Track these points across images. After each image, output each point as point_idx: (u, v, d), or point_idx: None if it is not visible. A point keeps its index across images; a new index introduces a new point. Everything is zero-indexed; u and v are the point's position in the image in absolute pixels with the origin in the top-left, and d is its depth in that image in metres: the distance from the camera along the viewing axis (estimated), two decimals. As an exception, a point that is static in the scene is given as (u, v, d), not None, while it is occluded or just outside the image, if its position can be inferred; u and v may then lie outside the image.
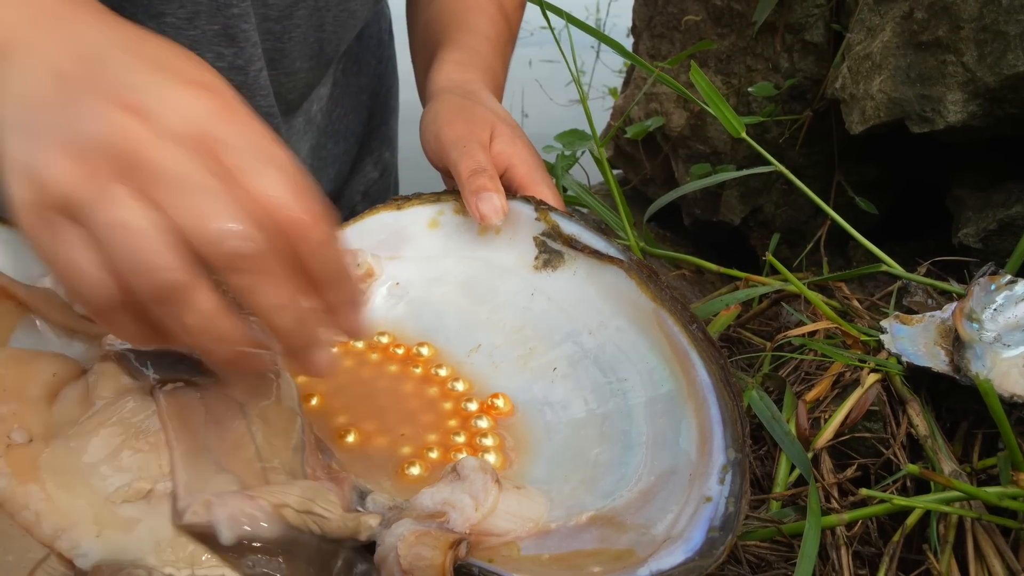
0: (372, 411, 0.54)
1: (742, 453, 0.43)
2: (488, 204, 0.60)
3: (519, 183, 0.64)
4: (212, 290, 0.37)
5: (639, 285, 0.54)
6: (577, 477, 0.48)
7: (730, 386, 0.46)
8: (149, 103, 0.37)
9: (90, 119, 0.37)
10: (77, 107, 0.38)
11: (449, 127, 0.66)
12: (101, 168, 0.36)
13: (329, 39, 0.80)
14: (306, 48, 0.78)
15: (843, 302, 0.74)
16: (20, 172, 0.38)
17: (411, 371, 0.57)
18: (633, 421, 0.50)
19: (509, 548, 0.41)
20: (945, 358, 0.59)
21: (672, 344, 0.50)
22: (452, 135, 0.65)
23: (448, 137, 0.65)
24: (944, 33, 0.94)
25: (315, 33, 0.78)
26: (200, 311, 0.37)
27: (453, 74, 0.75)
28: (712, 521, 0.40)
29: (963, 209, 1.04)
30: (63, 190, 0.36)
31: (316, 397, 0.54)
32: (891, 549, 0.50)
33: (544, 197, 0.62)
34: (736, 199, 1.38)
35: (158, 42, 0.42)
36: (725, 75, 1.36)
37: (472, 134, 0.65)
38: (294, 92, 0.81)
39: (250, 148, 0.38)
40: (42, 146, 0.37)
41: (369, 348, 0.58)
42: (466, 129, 0.65)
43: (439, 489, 0.43)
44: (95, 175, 0.36)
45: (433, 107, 0.69)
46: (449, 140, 0.65)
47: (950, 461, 0.54)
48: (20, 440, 0.40)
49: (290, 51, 0.77)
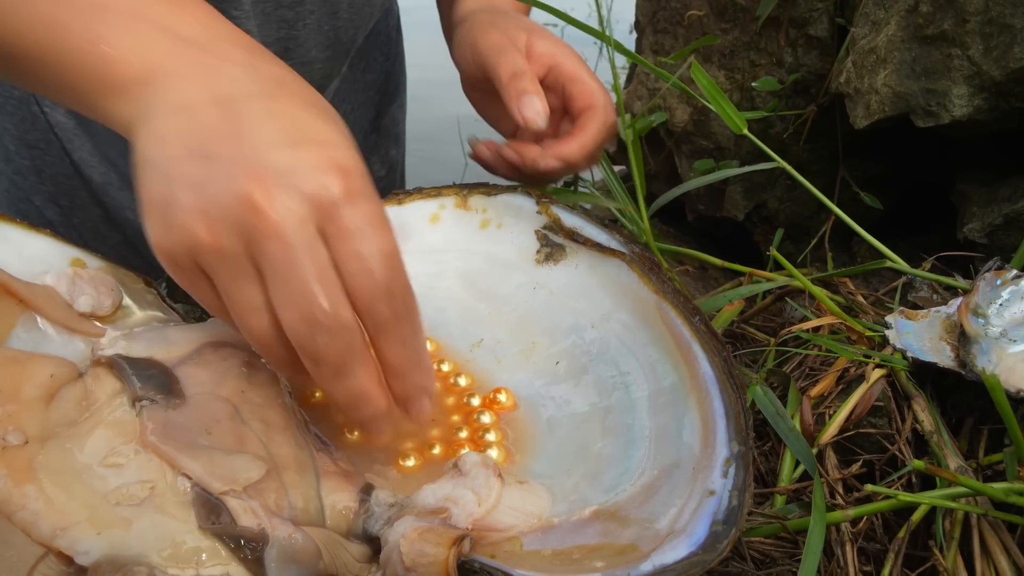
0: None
1: (745, 446, 0.43)
2: (530, 107, 0.61)
3: (567, 76, 0.65)
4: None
5: (641, 278, 0.54)
6: (580, 471, 0.48)
7: (733, 378, 0.46)
8: (280, 186, 0.40)
9: (225, 190, 0.40)
10: (213, 169, 0.40)
11: (485, 36, 0.67)
12: (229, 240, 0.40)
13: (344, 28, 0.80)
14: (320, 37, 0.78)
15: (847, 297, 0.74)
16: (157, 216, 0.42)
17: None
18: (636, 415, 0.49)
19: (511, 543, 0.41)
20: (951, 353, 0.59)
21: (675, 337, 0.50)
22: (489, 43, 0.66)
23: (485, 45, 0.66)
24: (950, 26, 0.93)
25: (329, 20, 0.78)
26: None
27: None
28: (715, 515, 0.40)
29: (968, 204, 1.03)
30: (195, 250, 0.41)
31: (319, 392, 0.53)
32: (896, 545, 0.50)
33: (592, 91, 0.65)
34: (740, 194, 1.38)
35: (294, 88, 0.45)
36: (728, 70, 1.35)
37: (509, 40, 0.66)
38: (310, 82, 0.81)
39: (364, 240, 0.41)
40: (179, 200, 0.41)
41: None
42: (503, 36, 0.66)
43: (441, 485, 0.43)
44: (222, 245, 0.40)
45: (465, 26, 0.70)
46: (486, 47, 0.66)
47: (956, 457, 0.53)
48: (16, 442, 0.40)
49: (304, 39, 0.77)
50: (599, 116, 0.64)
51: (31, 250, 0.51)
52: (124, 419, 0.42)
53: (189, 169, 0.41)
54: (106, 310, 0.50)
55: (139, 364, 0.45)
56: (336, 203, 0.40)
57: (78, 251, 0.53)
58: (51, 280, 0.50)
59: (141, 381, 0.44)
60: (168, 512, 0.39)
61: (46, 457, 0.40)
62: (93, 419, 0.42)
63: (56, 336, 0.48)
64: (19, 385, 0.43)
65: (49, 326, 0.48)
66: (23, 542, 0.37)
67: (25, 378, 0.43)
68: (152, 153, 0.42)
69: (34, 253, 0.51)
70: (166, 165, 0.41)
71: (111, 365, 0.45)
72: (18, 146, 0.82)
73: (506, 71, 0.62)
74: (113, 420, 0.42)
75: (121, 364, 0.45)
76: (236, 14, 0.71)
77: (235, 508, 0.40)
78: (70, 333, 0.49)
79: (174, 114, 0.42)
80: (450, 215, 0.63)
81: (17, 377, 0.43)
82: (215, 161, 0.40)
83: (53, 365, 0.45)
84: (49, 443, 0.41)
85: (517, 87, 0.61)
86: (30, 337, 0.48)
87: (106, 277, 0.52)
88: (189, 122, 0.42)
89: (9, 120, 0.81)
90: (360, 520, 0.43)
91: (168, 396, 0.44)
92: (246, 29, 0.71)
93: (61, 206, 0.84)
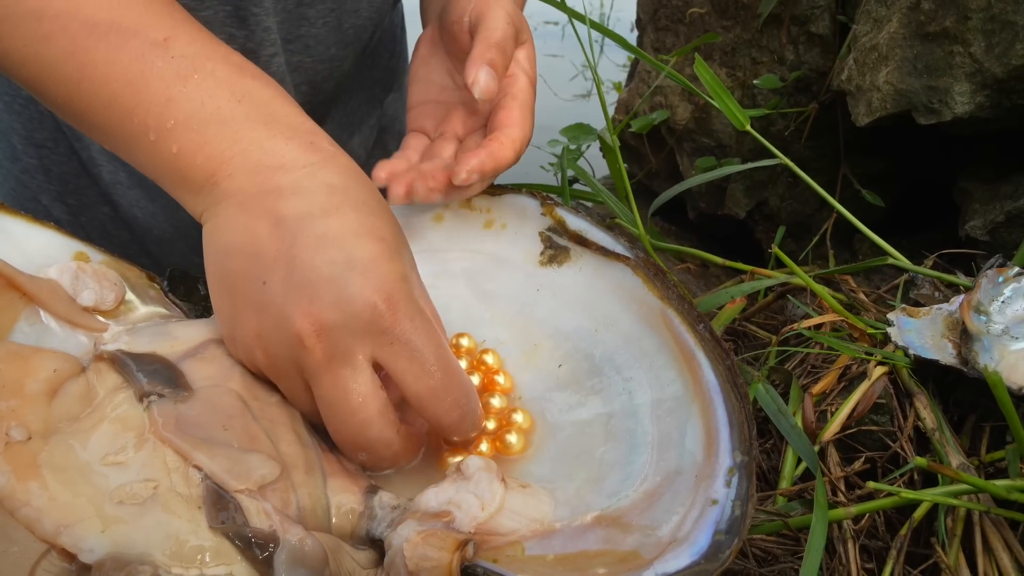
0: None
1: (749, 456, 0.43)
2: (489, 78, 0.58)
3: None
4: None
5: (646, 283, 0.53)
6: (582, 476, 0.47)
7: (737, 388, 0.46)
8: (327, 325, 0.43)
9: (278, 323, 0.44)
10: (268, 296, 0.44)
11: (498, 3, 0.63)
12: (284, 365, 0.45)
13: (364, 25, 0.80)
14: (341, 35, 0.78)
15: (849, 295, 0.74)
16: (224, 323, 0.47)
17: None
18: (639, 421, 0.49)
19: (513, 548, 0.41)
20: (952, 351, 0.59)
21: (679, 344, 0.50)
22: (500, 9, 0.62)
23: (495, 10, 0.62)
24: (951, 23, 0.93)
25: (350, 19, 0.78)
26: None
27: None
28: (718, 524, 0.40)
29: (970, 201, 1.03)
30: (255, 365, 0.47)
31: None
32: (898, 543, 0.50)
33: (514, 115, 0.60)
34: (741, 192, 1.38)
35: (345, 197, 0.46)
36: (730, 68, 1.35)
37: (514, 30, 0.62)
38: (330, 81, 0.81)
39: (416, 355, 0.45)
40: (240, 319, 0.46)
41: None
42: (511, 25, 0.62)
43: (443, 488, 0.43)
44: (278, 368, 0.45)
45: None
46: (494, 11, 0.62)
47: (958, 454, 0.53)
48: (19, 437, 0.40)
49: (325, 36, 0.77)
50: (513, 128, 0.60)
51: (35, 243, 0.51)
52: (128, 415, 0.42)
53: (248, 290, 0.45)
54: (109, 304, 0.50)
55: (142, 359, 0.45)
56: (385, 332, 0.44)
57: (82, 245, 0.53)
58: (54, 274, 0.49)
59: (146, 376, 0.44)
60: (173, 510, 0.39)
61: (50, 453, 0.40)
62: (96, 415, 0.42)
63: (59, 330, 0.48)
64: (22, 380, 0.43)
65: (52, 320, 0.48)
66: (26, 538, 0.37)
67: (28, 373, 0.43)
68: (219, 260, 0.47)
69: (38, 247, 0.51)
70: (230, 279, 0.46)
71: (113, 360, 0.45)
72: (25, 145, 0.82)
73: (494, 38, 0.59)
74: (116, 416, 0.42)
75: (124, 360, 0.45)
76: (256, 11, 0.71)
77: (248, 507, 0.39)
78: (73, 327, 0.48)
79: (235, 225, 0.46)
80: (453, 215, 0.63)
81: (20, 372, 0.43)
82: (270, 288, 0.44)
83: (56, 360, 0.44)
84: (52, 439, 0.41)
85: (488, 56, 0.59)
86: (33, 331, 0.47)
87: (109, 272, 0.52)
88: (248, 240, 0.45)
89: (16, 119, 0.81)
90: (364, 522, 0.43)
91: (175, 389, 0.44)
92: (265, 26, 0.72)
93: (68, 205, 0.84)
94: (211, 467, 0.40)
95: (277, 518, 0.39)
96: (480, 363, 0.55)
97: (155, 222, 0.85)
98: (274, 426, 0.45)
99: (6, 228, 0.50)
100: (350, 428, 0.45)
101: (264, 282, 0.44)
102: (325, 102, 0.84)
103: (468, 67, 0.58)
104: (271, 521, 0.39)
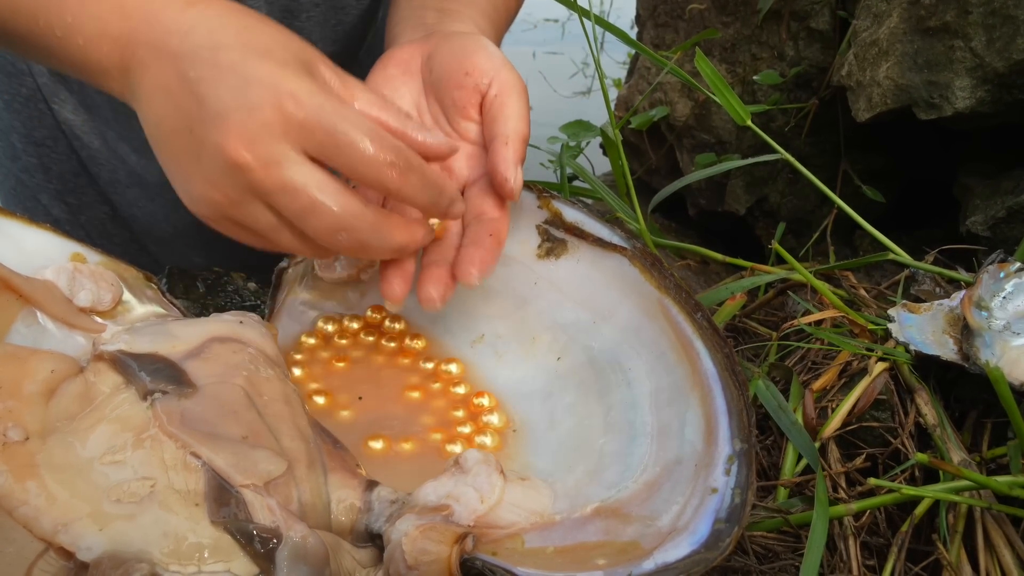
0: (375, 403, 0.54)
1: (748, 443, 0.43)
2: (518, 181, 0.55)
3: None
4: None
5: (643, 273, 0.53)
6: (581, 468, 0.47)
7: (735, 375, 0.46)
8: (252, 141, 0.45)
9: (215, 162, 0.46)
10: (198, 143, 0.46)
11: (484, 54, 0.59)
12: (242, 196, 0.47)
13: (353, 23, 0.79)
14: (327, 31, 0.77)
15: (850, 291, 0.73)
16: (180, 188, 0.49)
17: (401, 361, 0.57)
18: (638, 411, 0.49)
19: (513, 541, 0.41)
20: (954, 346, 0.59)
21: (677, 333, 0.50)
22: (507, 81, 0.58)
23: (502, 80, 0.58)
24: (952, 18, 0.93)
25: (335, 15, 0.77)
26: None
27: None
28: (718, 513, 0.40)
29: (971, 197, 1.03)
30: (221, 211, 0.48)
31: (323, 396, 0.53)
32: (900, 539, 0.50)
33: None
34: (741, 189, 1.38)
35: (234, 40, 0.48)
36: (730, 64, 1.35)
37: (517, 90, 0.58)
38: None
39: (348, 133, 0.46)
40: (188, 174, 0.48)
41: (366, 330, 0.58)
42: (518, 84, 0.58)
43: (442, 482, 0.42)
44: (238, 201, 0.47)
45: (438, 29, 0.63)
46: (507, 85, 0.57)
47: (959, 450, 0.53)
48: (16, 438, 0.40)
49: (309, 31, 0.76)
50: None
51: (31, 244, 0.51)
52: (128, 414, 0.42)
53: (182, 144, 0.47)
54: (106, 305, 0.50)
55: (144, 359, 0.45)
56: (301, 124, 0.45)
57: (78, 246, 0.52)
58: (51, 275, 0.49)
59: (149, 375, 0.44)
60: (171, 508, 0.38)
61: (47, 453, 0.40)
62: (95, 414, 0.42)
63: (56, 331, 0.48)
64: (20, 381, 0.42)
65: (49, 321, 0.48)
66: (24, 538, 0.36)
67: (26, 374, 0.43)
68: (153, 132, 0.49)
69: (34, 247, 0.51)
70: (168, 144, 0.48)
71: (114, 361, 0.45)
72: (25, 144, 0.82)
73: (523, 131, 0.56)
74: (116, 416, 0.42)
75: (125, 360, 0.45)
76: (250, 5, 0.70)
77: (252, 503, 0.39)
78: (70, 328, 0.48)
79: (154, 96, 0.48)
80: (451, 209, 0.62)
81: (18, 373, 0.43)
82: (196, 133, 0.46)
83: (54, 361, 0.44)
84: (50, 439, 0.41)
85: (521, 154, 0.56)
86: (30, 332, 0.47)
87: (106, 272, 0.52)
88: (164, 100, 0.48)
89: (16, 117, 0.81)
90: (363, 517, 0.43)
91: (179, 386, 0.44)
92: None
93: (68, 204, 0.84)
94: (216, 461, 0.40)
95: (281, 514, 0.39)
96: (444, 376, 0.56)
97: (154, 221, 0.85)
98: (277, 422, 0.45)
99: (4, 230, 0.50)
100: (316, 219, 0.46)
101: (190, 130, 0.46)
102: None
103: (501, 163, 0.55)
104: (274, 517, 0.39)
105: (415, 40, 0.62)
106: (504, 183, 0.54)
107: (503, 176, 0.54)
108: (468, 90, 0.58)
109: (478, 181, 0.58)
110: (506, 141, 0.55)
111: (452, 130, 0.59)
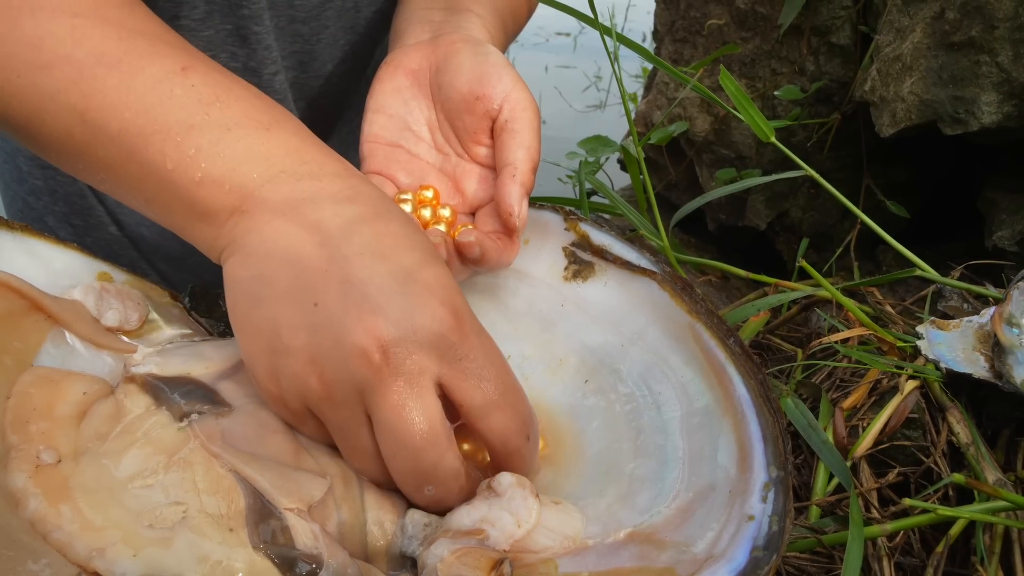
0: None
1: (784, 471, 0.42)
2: (522, 208, 0.55)
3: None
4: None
5: (673, 297, 0.53)
6: (612, 492, 0.47)
7: (770, 402, 0.45)
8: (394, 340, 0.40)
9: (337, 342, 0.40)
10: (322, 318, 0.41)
11: (501, 70, 0.58)
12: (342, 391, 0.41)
13: (362, 42, 0.79)
14: (337, 51, 0.77)
15: (876, 307, 0.73)
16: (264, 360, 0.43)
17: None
18: (668, 436, 0.48)
19: (546, 566, 0.40)
20: (985, 364, 0.58)
21: (708, 358, 0.49)
22: (519, 98, 0.57)
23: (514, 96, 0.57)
24: (977, 33, 0.92)
25: (346, 36, 0.77)
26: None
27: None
28: (755, 540, 0.39)
29: (996, 212, 1.02)
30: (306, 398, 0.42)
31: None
32: (935, 560, 0.49)
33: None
34: (762, 204, 1.37)
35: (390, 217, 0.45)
36: (750, 79, 1.35)
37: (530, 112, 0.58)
38: (327, 97, 0.81)
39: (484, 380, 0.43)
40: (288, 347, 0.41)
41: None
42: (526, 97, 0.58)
43: (475, 506, 0.42)
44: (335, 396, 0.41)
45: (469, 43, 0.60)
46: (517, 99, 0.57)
47: (994, 469, 0.52)
48: (49, 460, 0.40)
49: (320, 53, 0.76)
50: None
51: (58, 264, 0.51)
52: (159, 437, 0.42)
53: (296, 315, 0.41)
54: (133, 324, 0.50)
55: (175, 382, 0.45)
56: (454, 347, 0.42)
57: (104, 265, 0.52)
58: (79, 295, 0.49)
59: (182, 397, 0.44)
60: (203, 532, 0.38)
61: (80, 476, 0.40)
62: (127, 436, 0.42)
63: (84, 351, 0.48)
64: (53, 403, 0.42)
65: (77, 341, 0.48)
66: (59, 562, 0.36)
67: (59, 396, 0.43)
68: (253, 288, 0.43)
69: (61, 267, 0.51)
70: (271, 308, 0.42)
71: (144, 384, 0.45)
72: (31, 166, 0.82)
73: (534, 160, 0.56)
74: (148, 438, 0.42)
75: (157, 384, 0.44)
76: (257, 29, 0.71)
77: (295, 526, 0.39)
78: (98, 348, 0.48)
79: (273, 248, 0.43)
80: (476, 230, 0.62)
81: (51, 395, 0.43)
82: (323, 309, 0.41)
83: (86, 383, 0.44)
84: (82, 461, 0.41)
85: (529, 185, 0.56)
86: (59, 352, 0.47)
87: (133, 291, 0.51)
88: (290, 260, 0.42)
89: None
90: (397, 539, 0.42)
91: (214, 406, 0.44)
92: (266, 44, 0.71)
93: (75, 226, 0.84)
94: (260, 482, 0.40)
95: (324, 540, 0.39)
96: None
97: (163, 240, 0.85)
98: (312, 440, 0.45)
99: (33, 250, 0.50)
100: (418, 457, 0.41)
101: (316, 303, 0.41)
102: (327, 119, 0.84)
103: (508, 196, 0.55)
104: (317, 544, 0.39)
105: (422, 43, 0.62)
106: (509, 217, 0.55)
107: (508, 210, 0.55)
108: (478, 116, 0.58)
109: (490, 203, 0.59)
110: (514, 173, 0.55)
111: (464, 151, 0.60)
